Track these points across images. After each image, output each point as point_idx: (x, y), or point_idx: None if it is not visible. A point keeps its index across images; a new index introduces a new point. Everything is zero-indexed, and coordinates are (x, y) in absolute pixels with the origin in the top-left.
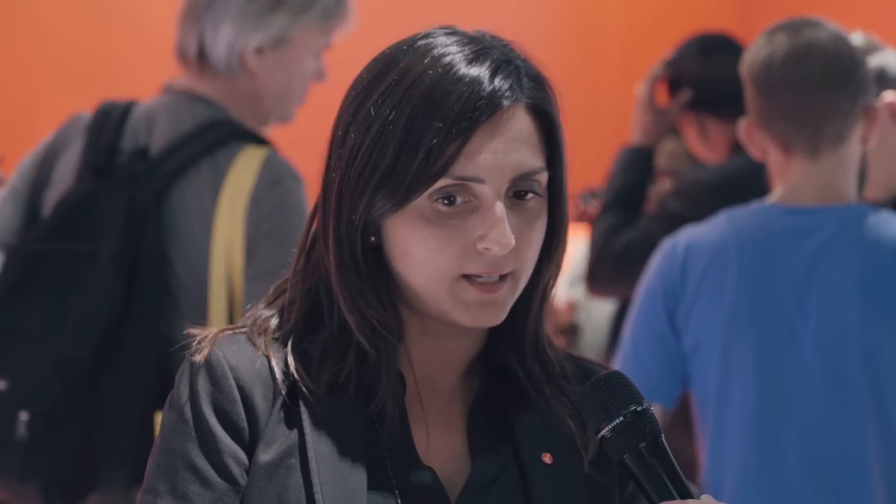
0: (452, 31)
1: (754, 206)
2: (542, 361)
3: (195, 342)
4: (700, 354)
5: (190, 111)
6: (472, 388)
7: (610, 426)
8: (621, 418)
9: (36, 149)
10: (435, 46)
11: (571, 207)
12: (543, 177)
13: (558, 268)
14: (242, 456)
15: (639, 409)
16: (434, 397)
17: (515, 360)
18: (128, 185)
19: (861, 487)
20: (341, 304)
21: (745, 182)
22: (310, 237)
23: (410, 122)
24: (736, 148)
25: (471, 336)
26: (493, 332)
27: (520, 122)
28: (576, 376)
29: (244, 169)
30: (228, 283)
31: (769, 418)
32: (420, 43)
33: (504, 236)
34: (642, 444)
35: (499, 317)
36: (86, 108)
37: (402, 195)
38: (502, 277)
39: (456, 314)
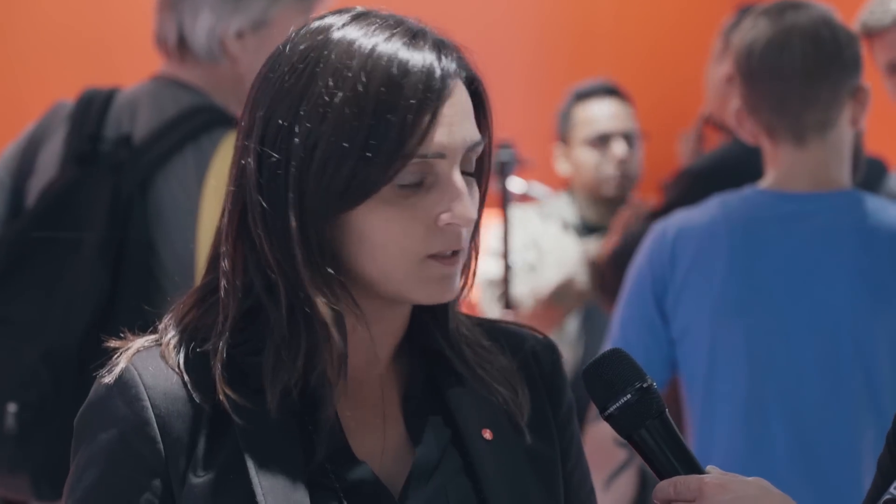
0: (366, 15)
1: (746, 192)
2: (466, 338)
3: (111, 359)
4: (688, 341)
5: (172, 98)
6: (401, 375)
7: (616, 405)
8: (628, 396)
9: (19, 138)
10: (365, 33)
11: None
12: (480, 149)
13: (477, 246)
14: (154, 482)
15: (644, 385)
16: (364, 390)
17: (442, 340)
18: (111, 174)
19: (850, 479)
20: (316, 299)
21: (735, 168)
22: (231, 238)
23: (376, 103)
24: None
25: (398, 321)
26: (415, 317)
27: (463, 96)
28: (501, 344)
29: (229, 155)
30: None
31: (758, 407)
32: (346, 30)
33: (468, 209)
34: (649, 421)
35: (454, 291)
36: (74, 96)
37: (380, 178)
38: (454, 252)
39: (417, 292)
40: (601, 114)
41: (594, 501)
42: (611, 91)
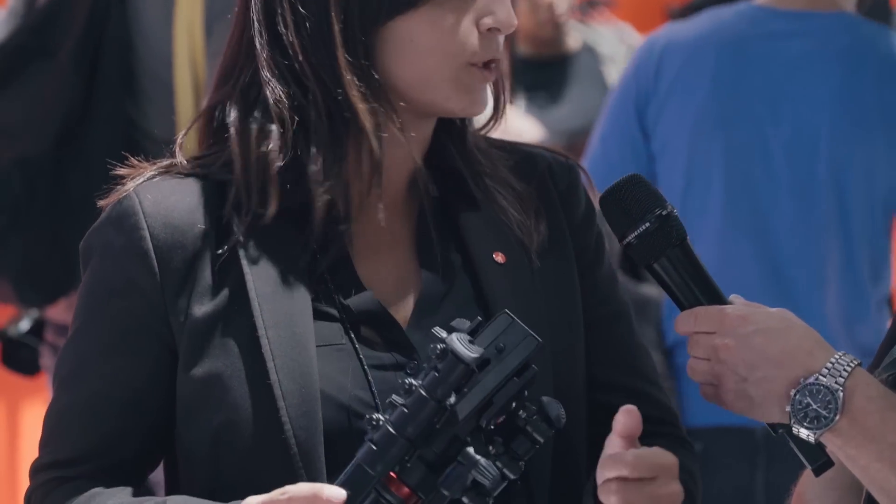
0: None
1: (741, 5)
2: (482, 158)
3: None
4: (667, 155)
5: None
6: (413, 201)
7: (635, 233)
8: (647, 224)
9: None
10: None
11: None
12: None
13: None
14: (150, 313)
15: (664, 213)
16: (376, 215)
17: (459, 157)
18: None
19: (817, 300)
20: (358, 105)
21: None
22: (256, 47)
23: None
24: None
25: (420, 137)
26: (434, 139)
27: None
28: (517, 164)
29: None
30: (192, 64)
31: (732, 224)
32: None
33: (511, 15)
34: (670, 250)
35: (484, 104)
36: None
37: None
38: (489, 63)
39: (452, 101)
40: None
41: (627, 303)
42: None
